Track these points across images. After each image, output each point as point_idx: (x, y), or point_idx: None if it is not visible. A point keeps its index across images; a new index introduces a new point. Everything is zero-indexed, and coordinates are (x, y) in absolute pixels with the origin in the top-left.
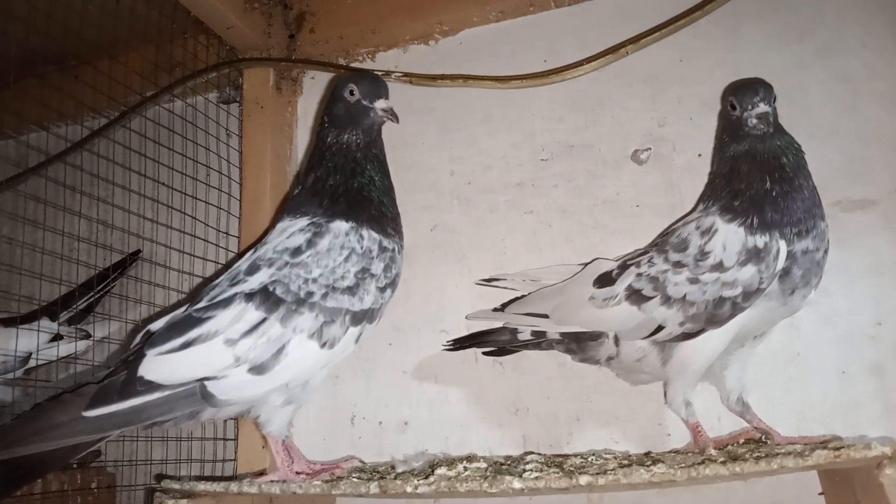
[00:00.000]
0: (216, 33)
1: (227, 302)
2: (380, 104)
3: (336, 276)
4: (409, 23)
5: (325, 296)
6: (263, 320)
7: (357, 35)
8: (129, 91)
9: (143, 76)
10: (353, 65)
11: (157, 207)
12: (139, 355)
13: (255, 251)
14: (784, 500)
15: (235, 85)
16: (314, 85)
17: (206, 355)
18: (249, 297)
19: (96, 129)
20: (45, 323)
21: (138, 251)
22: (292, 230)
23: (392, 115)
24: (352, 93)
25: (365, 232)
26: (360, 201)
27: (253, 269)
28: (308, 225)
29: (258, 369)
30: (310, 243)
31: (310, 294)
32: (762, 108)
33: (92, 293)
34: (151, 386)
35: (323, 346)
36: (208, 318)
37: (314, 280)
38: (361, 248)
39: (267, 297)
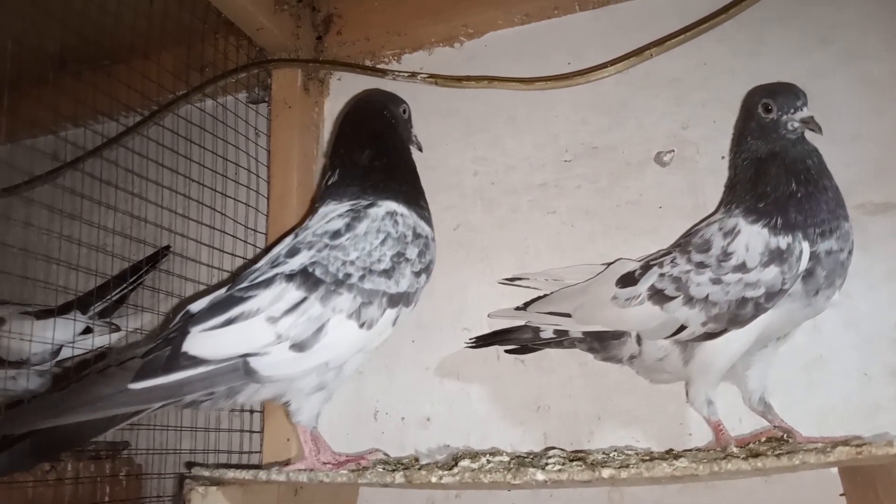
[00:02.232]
0: (246, 34)
1: (268, 282)
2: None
3: (373, 258)
4: (434, 25)
5: (362, 278)
6: (304, 299)
7: (383, 37)
8: (161, 90)
9: (176, 75)
10: (378, 66)
11: (188, 203)
12: (182, 332)
13: (295, 236)
14: (805, 501)
15: (264, 85)
16: (341, 86)
17: (249, 332)
18: (290, 277)
19: (130, 125)
20: (77, 316)
21: (168, 246)
22: (332, 215)
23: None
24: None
25: (400, 218)
26: (396, 189)
27: (293, 252)
28: (347, 210)
29: (299, 346)
30: (348, 227)
31: (348, 276)
32: (806, 112)
33: (123, 287)
34: (195, 361)
35: (361, 326)
36: (250, 297)
37: (352, 262)
38: (397, 232)
39: (307, 278)
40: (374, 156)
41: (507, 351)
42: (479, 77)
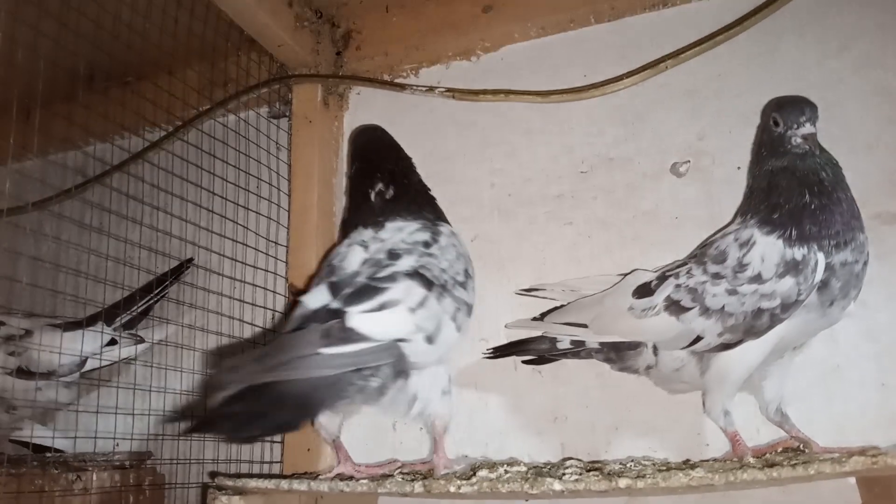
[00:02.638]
0: (267, 51)
1: (392, 278)
2: None
3: (455, 270)
4: (451, 40)
5: (453, 285)
6: (426, 297)
7: (401, 52)
8: (185, 105)
9: (199, 91)
10: (397, 80)
11: (211, 217)
12: (335, 314)
13: (365, 247)
14: None
15: (285, 100)
16: (360, 100)
17: (399, 318)
18: (410, 275)
19: (155, 141)
20: (103, 328)
21: (191, 259)
22: (411, 229)
23: None
24: None
25: (457, 238)
26: (441, 212)
27: (395, 256)
28: (423, 226)
29: (429, 339)
30: (434, 239)
31: (445, 282)
32: (808, 128)
33: (147, 299)
34: (362, 337)
35: (457, 329)
36: (386, 288)
37: (444, 270)
38: (462, 250)
39: (422, 279)
40: (420, 179)
41: (524, 361)
42: (496, 90)
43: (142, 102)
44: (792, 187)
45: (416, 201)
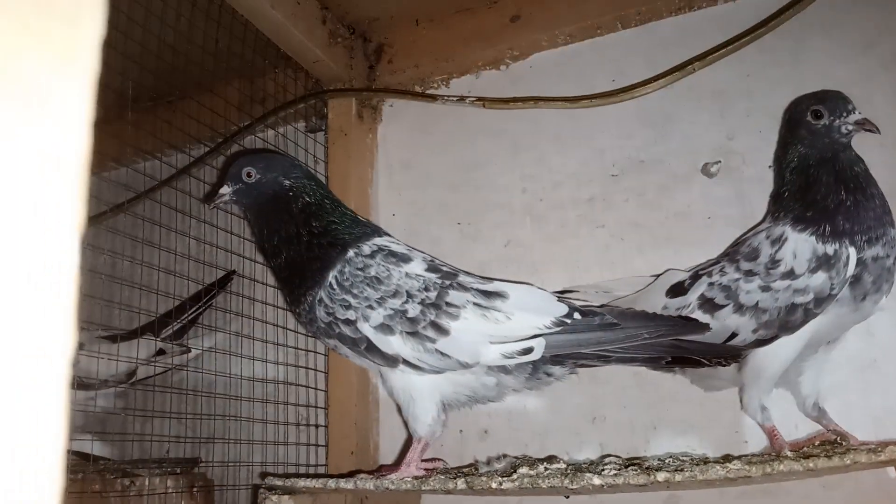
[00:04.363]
0: (303, 67)
1: None
2: None
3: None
4: (480, 50)
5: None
6: None
7: (432, 63)
8: (227, 122)
9: (239, 108)
10: (428, 91)
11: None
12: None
13: None
14: None
15: (321, 114)
16: (393, 112)
17: None
18: None
19: (198, 157)
20: (150, 339)
21: (233, 271)
22: None
23: None
24: None
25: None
26: None
27: None
28: None
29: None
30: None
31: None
32: (858, 115)
33: (193, 309)
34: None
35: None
36: None
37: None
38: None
39: None
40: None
41: None
42: (525, 98)
43: (186, 120)
44: (830, 183)
45: None
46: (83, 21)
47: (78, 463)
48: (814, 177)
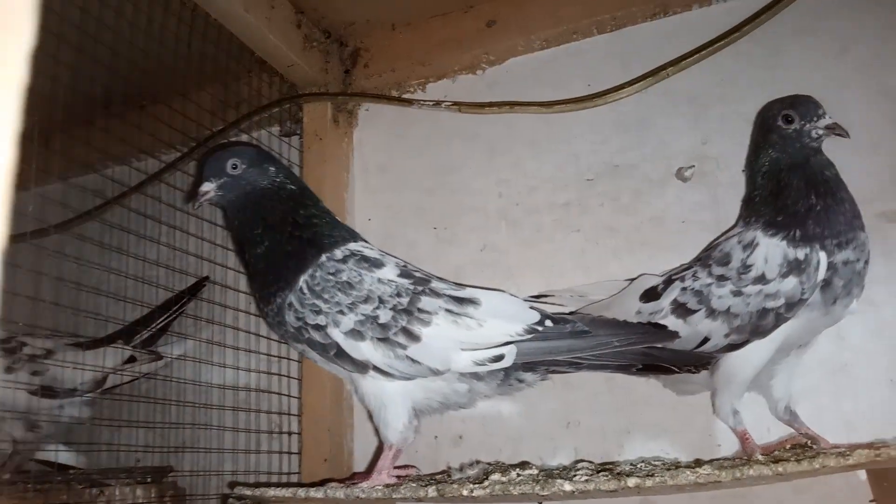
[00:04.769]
0: (278, 71)
1: None
2: None
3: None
4: (456, 54)
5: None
6: None
7: (408, 68)
8: (199, 127)
9: (212, 113)
10: (404, 96)
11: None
12: None
13: None
14: None
15: (296, 119)
16: (368, 116)
17: None
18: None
19: (170, 162)
20: (122, 346)
21: (206, 277)
22: None
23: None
24: None
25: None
26: None
27: None
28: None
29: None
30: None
31: None
32: (828, 119)
33: (164, 316)
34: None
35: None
36: None
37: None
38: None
39: None
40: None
41: None
42: (501, 103)
43: (157, 125)
44: (801, 188)
45: None
46: (11, 29)
47: (45, 472)
48: (784, 181)
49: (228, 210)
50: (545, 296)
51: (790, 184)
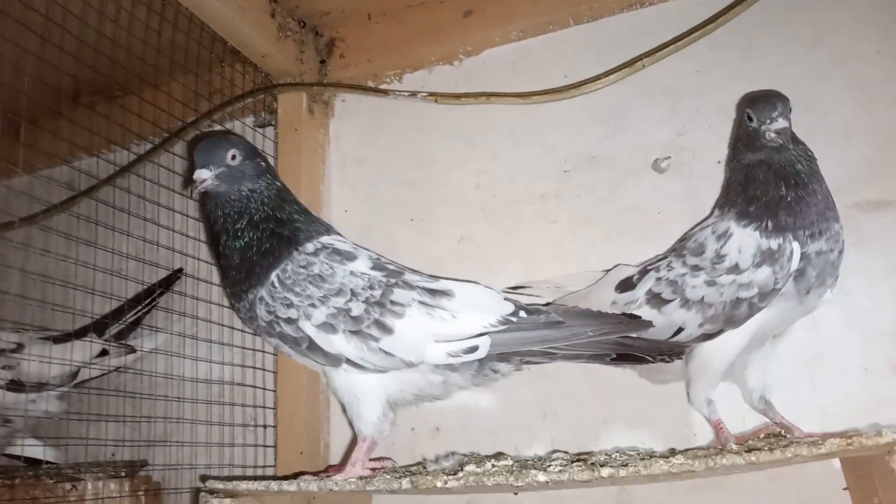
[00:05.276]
0: (252, 61)
1: None
2: None
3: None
4: (433, 45)
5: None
6: None
7: (384, 58)
8: (171, 118)
9: (185, 103)
10: (381, 86)
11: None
12: None
13: None
14: (810, 497)
15: (270, 109)
16: (345, 107)
17: None
18: None
19: (142, 154)
20: (93, 339)
21: (180, 269)
22: None
23: None
24: None
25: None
26: None
27: None
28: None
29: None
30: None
31: None
32: (781, 123)
33: (137, 309)
34: None
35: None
36: None
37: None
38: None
39: None
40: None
41: None
42: (478, 93)
43: (128, 116)
44: (768, 180)
45: None
46: None
47: (15, 467)
48: (752, 175)
49: (215, 200)
50: (522, 287)
51: (756, 177)
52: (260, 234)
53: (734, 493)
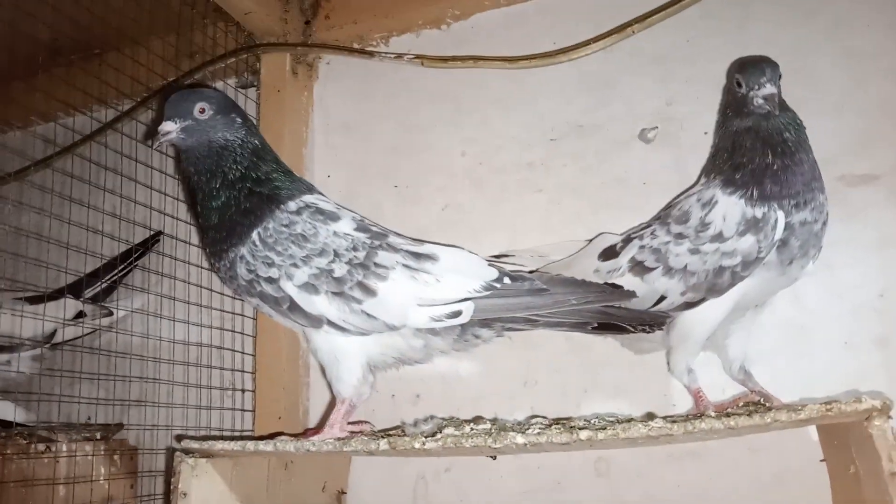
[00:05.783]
0: (234, 19)
1: None
2: None
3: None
4: (421, 7)
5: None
6: None
7: (371, 20)
8: (152, 75)
9: (166, 61)
10: (367, 49)
11: (178, 186)
12: None
13: None
14: (787, 468)
15: (253, 70)
16: (329, 70)
17: None
18: None
19: (122, 111)
20: (70, 300)
21: (160, 232)
22: None
23: None
24: None
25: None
26: None
27: None
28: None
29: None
30: None
31: None
32: (768, 88)
33: (115, 272)
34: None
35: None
36: None
37: None
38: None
39: None
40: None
41: None
42: (465, 57)
43: (108, 72)
44: (755, 147)
45: None
46: None
47: None
48: (739, 142)
49: (186, 156)
50: (506, 255)
51: (744, 144)
52: (237, 194)
53: (712, 462)
